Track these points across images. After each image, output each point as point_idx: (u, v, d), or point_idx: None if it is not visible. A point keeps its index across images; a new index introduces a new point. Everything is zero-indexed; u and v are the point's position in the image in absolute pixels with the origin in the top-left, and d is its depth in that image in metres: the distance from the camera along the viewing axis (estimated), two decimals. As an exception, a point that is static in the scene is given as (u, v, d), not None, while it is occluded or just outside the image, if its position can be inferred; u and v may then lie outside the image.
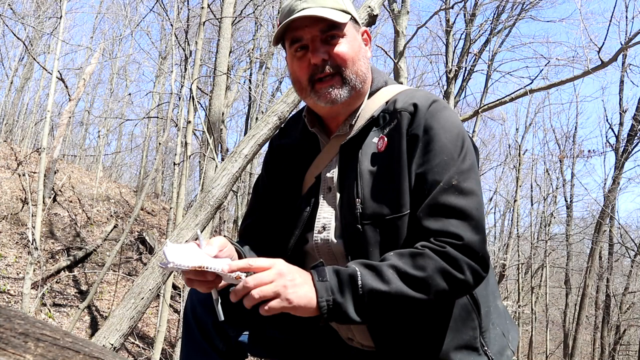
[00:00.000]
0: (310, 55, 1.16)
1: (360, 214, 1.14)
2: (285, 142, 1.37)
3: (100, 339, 3.01)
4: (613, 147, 14.25)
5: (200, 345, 1.28)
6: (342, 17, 1.16)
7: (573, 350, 13.78)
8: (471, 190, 1.09)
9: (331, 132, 1.27)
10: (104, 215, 12.02)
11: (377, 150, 1.16)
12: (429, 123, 1.12)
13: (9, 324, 0.75)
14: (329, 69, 1.16)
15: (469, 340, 1.13)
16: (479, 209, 1.08)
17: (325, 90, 1.17)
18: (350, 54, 1.17)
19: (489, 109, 8.98)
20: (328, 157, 1.25)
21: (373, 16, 3.54)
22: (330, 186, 1.23)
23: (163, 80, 15.72)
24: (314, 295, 0.99)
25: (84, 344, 0.79)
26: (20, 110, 16.49)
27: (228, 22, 7.18)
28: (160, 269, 3.19)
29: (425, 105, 1.14)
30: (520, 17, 13.25)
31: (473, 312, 1.14)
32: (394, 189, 1.12)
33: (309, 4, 1.15)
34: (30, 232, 5.74)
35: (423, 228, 1.07)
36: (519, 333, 1.33)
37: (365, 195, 1.14)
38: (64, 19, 6.40)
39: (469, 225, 1.06)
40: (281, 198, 1.31)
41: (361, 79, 1.20)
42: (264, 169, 1.39)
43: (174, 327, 9.12)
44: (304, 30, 1.15)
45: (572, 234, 16.25)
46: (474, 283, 1.06)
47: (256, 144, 3.37)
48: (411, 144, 1.12)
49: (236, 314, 1.27)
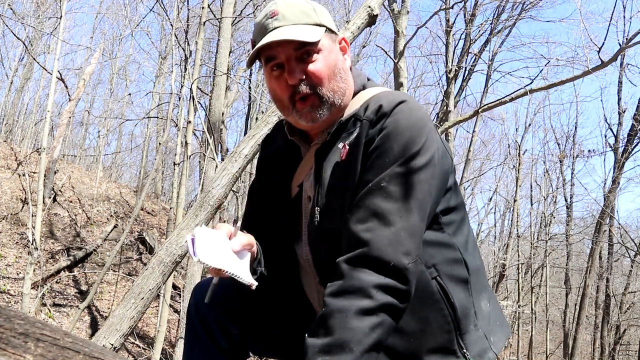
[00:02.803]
0: (287, 76, 1.14)
1: (318, 223, 1.15)
2: (270, 150, 1.37)
3: (100, 339, 2.99)
4: (613, 147, 14.28)
5: (203, 343, 1.29)
6: (316, 34, 1.14)
7: (573, 350, 13.78)
8: (401, 195, 1.04)
9: (311, 139, 1.25)
10: (104, 215, 12.02)
11: (340, 159, 1.14)
12: (385, 126, 1.09)
13: (9, 324, 0.75)
14: (305, 89, 1.14)
15: (443, 343, 1.12)
16: (403, 216, 1.03)
17: (306, 110, 1.15)
18: (325, 71, 1.15)
19: (489, 109, 8.98)
20: (308, 165, 1.24)
21: (373, 16, 3.53)
22: (310, 195, 1.22)
23: (163, 80, 15.73)
24: None
25: (84, 344, 0.79)
26: (20, 110, 16.51)
27: (228, 22, 7.17)
28: (160, 269, 3.19)
29: (388, 110, 1.11)
30: (520, 17, 13.27)
31: (449, 315, 1.12)
32: (346, 200, 1.10)
33: (281, 22, 1.14)
34: (30, 232, 5.74)
35: (346, 229, 1.06)
36: (508, 333, 1.29)
37: (322, 205, 1.14)
38: (63, 19, 6.39)
39: (384, 231, 1.01)
40: (271, 206, 1.31)
41: (340, 95, 1.18)
42: (256, 175, 1.39)
43: (174, 327, 9.12)
44: (277, 49, 1.14)
45: (572, 234, 16.26)
46: (398, 300, 0.99)
47: (256, 144, 3.36)
48: (366, 151, 1.10)
49: (238, 312, 1.27)
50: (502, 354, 8.99)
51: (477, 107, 8.99)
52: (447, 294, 1.12)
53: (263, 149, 1.41)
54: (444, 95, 11.43)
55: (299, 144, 1.27)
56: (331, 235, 1.12)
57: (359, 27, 3.52)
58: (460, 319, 1.13)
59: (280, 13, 1.15)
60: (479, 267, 1.23)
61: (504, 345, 1.28)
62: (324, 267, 1.18)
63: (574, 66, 9.45)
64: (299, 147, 1.28)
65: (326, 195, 1.14)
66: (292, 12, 1.15)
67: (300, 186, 1.25)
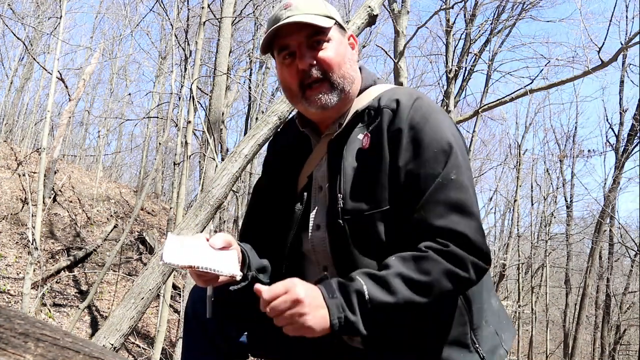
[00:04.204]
0: (297, 61, 1.19)
1: (342, 209, 1.16)
2: (280, 144, 1.40)
3: (101, 339, 3.00)
4: (613, 147, 14.25)
5: (201, 344, 1.29)
6: (326, 22, 1.19)
7: (573, 350, 13.77)
8: (469, 185, 1.10)
9: (322, 132, 1.29)
10: (104, 215, 12.02)
11: (362, 147, 1.18)
12: (414, 118, 1.13)
13: (9, 324, 0.75)
14: (317, 73, 1.19)
15: (458, 336, 1.13)
16: (477, 204, 1.10)
17: (315, 96, 1.19)
18: (336, 57, 1.20)
19: (489, 109, 8.99)
20: (319, 156, 1.27)
21: (373, 16, 3.53)
22: (321, 185, 1.25)
23: (163, 80, 15.72)
24: (327, 317, 1.01)
25: (84, 344, 0.79)
26: (20, 110, 16.50)
27: (228, 22, 7.17)
28: (160, 269, 3.19)
29: (408, 102, 1.15)
30: (520, 17, 13.24)
31: (463, 307, 1.14)
32: (374, 184, 1.14)
33: (294, 12, 1.18)
34: (30, 232, 5.74)
35: (424, 224, 1.07)
36: (514, 333, 1.30)
37: (346, 190, 1.16)
38: (63, 19, 6.39)
39: (470, 221, 1.06)
40: (278, 199, 1.32)
41: (349, 81, 1.22)
42: (263, 171, 1.42)
43: (174, 327, 9.12)
44: (290, 37, 1.19)
45: (572, 234, 16.23)
46: (476, 279, 1.07)
47: (256, 144, 3.37)
48: (393, 140, 1.13)
49: (235, 313, 1.27)
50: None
51: (477, 107, 8.99)
52: None
53: (271, 145, 1.45)
54: (444, 95, 11.41)
55: (310, 135, 1.30)
56: (355, 217, 1.15)
57: (359, 27, 3.53)
58: (473, 313, 1.15)
59: (293, 4, 1.19)
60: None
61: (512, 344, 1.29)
62: (341, 250, 1.18)
63: (574, 66, 9.45)
64: (309, 140, 1.31)
65: (352, 182, 1.16)
66: (305, 3, 1.20)
67: (310, 177, 1.27)
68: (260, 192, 1.40)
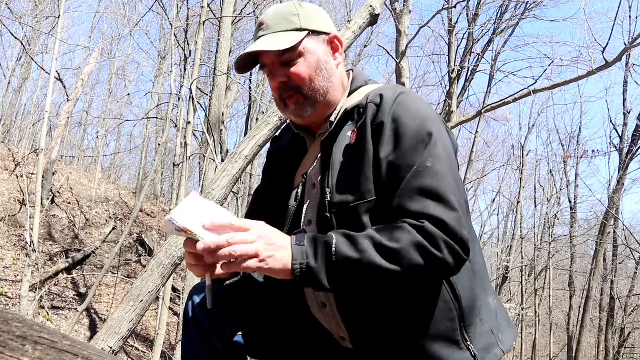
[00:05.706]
0: (271, 80, 1.29)
1: (329, 203, 1.19)
2: (277, 147, 1.47)
3: (99, 342, 3.03)
4: (617, 148, 14.20)
5: (199, 345, 1.32)
6: (295, 38, 1.23)
7: (577, 353, 13.72)
8: (447, 174, 1.11)
9: (315, 132, 1.35)
10: (103, 217, 11.97)
11: (350, 143, 1.22)
12: (396, 112, 1.17)
13: (6, 326, 0.74)
14: (290, 88, 1.26)
15: (445, 331, 1.12)
16: (455, 192, 1.09)
17: (292, 106, 1.27)
18: (306, 73, 1.25)
19: (492, 110, 8.90)
20: (313, 155, 1.33)
21: (375, 15, 3.54)
22: (315, 182, 1.29)
23: (162, 80, 15.68)
24: (289, 259, 1.04)
25: (82, 347, 0.79)
26: (18, 110, 16.46)
27: (228, 21, 7.12)
28: (160, 272, 3.20)
29: (392, 96, 1.20)
30: (523, 16, 13.20)
31: (451, 301, 1.13)
32: (359, 177, 1.17)
33: (265, 32, 1.26)
34: (29, 234, 5.68)
35: (401, 210, 1.09)
36: (516, 334, 1.29)
37: (333, 184, 1.20)
38: (62, 19, 6.37)
39: (445, 208, 1.06)
40: (275, 200, 1.37)
41: (322, 93, 1.27)
42: (262, 177, 1.48)
43: (173, 330, 9.10)
44: (264, 57, 1.27)
45: (576, 236, 16.18)
46: (454, 264, 1.05)
47: (257, 145, 3.39)
48: (377, 133, 1.17)
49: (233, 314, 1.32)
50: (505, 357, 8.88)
51: (480, 107, 8.90)
52: (450, 282, 1.13)
53: (270, 148, 1.51)
54: (447, 95, 11.33)
55: (304, 136, 1.36)
56: (342, 209, 1.17)
57: (360, 26, 3.51)
58: (465, 310, 1.14)
59: (265, 23, 1.27)
60: (483, 264, 1.26)
61: (513, 345, 1.27)
62: None
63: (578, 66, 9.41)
64: (305, 142, 1.37)
65: (338, 175, 1.20)
66: (275, 21, 1.26)
67: (305, 176, 1.32)
68: (259, 195, 1.46)
